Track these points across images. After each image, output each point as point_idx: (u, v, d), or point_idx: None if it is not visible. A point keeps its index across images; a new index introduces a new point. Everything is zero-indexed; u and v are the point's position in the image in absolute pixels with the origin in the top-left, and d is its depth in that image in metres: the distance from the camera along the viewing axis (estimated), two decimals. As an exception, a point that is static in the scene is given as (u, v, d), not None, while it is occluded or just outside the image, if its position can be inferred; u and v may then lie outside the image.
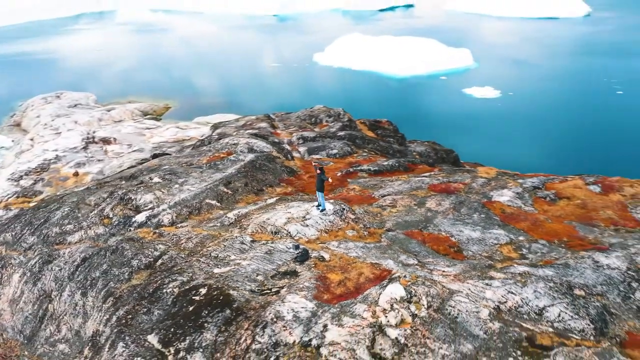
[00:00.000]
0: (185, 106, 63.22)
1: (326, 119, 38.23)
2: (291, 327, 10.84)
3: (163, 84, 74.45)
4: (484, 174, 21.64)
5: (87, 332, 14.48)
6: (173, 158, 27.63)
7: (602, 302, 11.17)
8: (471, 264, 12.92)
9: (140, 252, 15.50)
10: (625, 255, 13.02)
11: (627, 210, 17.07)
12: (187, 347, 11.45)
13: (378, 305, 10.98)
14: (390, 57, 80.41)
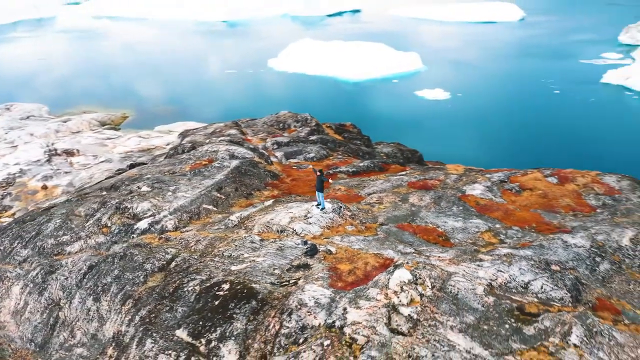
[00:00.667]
0: (143, 115, 62.79)
1: (294, 124, 39.60)
2: (315, 312, 12.21)
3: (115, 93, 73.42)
4: (454, 171, 23.73)
5: (106, 334, 15.21)
6: (153, 167, 28.18)
7: (574, 274, 13.22)
8: (461, 250, 14.75)
9: (151, 256, 16.37)
10: (588, 235, 15.23)
11: (581, 198, 19.50)
12: (218, 337, 12.57)
13: (389, 289, 12.54)
14: (343, 61, 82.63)
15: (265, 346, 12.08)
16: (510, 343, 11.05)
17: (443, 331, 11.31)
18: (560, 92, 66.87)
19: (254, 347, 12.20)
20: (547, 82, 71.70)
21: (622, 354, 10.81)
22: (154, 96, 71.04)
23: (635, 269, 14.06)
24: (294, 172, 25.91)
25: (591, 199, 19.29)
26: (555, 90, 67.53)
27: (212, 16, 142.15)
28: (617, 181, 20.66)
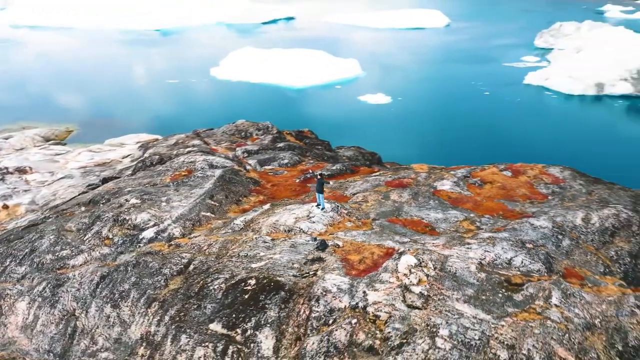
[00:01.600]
0: (89, 129, 61.42)
1: (256, 132, 41.05)
2: (339, 296, 14.08)
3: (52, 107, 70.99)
4: (420, 169, 26.35)
5: (132, 336, 16.21)
6: (130, 181, 28.77)
7: (545, 250, 15.95)
8: (449, 236, 17.15)
9: (167, 262, 17.51)
10: (548, 218, 18.14)
11: (534, 188, 22.63)
12: (254, 326, 14.12)
13: (399, 272, 14.64)
14: (285, 69, 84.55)
15: (299, 329, 13.80)
16: (506, 308, 13.48)
17: (451, 303, 13.55)
18: (489, 93, 72.45)
19: (289, 331, 13.87)
20: (477, 84, 77.33)
21: (591, 309, 13.52)
22: (96, 109, 69.49)
23: (589, 243, 17.07)
24: (271, 178, 27.51)
25: (542, 188, 22.46)
26: (485, 92, 73.09)
27: (142, 25, 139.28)
28: (560, 172, 24.05)
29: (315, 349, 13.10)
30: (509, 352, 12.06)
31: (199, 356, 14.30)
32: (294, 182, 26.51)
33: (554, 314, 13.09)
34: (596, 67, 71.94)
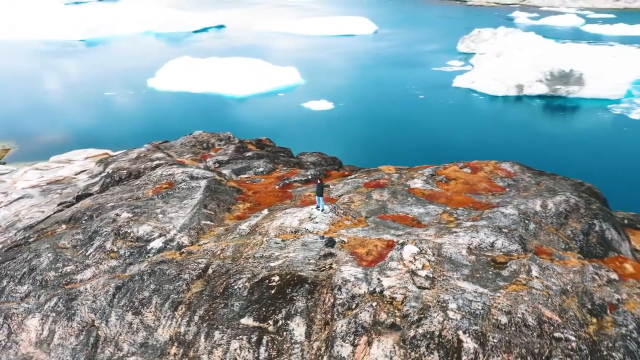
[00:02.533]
0: (29, 146, 59.24)
1: (217, 142, 42.16)
2: (358, 284, 16.17)
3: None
4: (388, 170, 28.97)
5: (159, 339, 17.34)
6: (108, 197, 29.15)
7: (518, 233, 18.93)
8: (436, 227, 19.74)
9: (184, 268, 18.77)
10: (513, 206, 21.25)
11: (492, 182, 25.89)
12: (284, 316, 15.88)
13: (404, 260, 16.97)
14: (225, 77, 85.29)
15: (326, 315, 15.73)
16: (497, 282, 16.19)
17: (453, 282, 16.06)
18: (424, 97, 77.34)
19: (317, 318, 15.77)
20: (411, 88, 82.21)
21: (563, 278, 16.54)
22: (33, 125, 66.77)
23: (550, 225, 20.32)
24: (251, 186, 29.05)
25: (499, 182, 25.78)
26: (420, 95, 77.94)
27: (67, 34, 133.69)
28: (511, 166, 27.57)
29: (345, 330, 15.11)
30: (507, 316, 14.71)
31: (235, 348, 15.84)
32: (274, 189, 28.23)
33: (536, 284, 15.95)
34: (515, 70, 78.90)
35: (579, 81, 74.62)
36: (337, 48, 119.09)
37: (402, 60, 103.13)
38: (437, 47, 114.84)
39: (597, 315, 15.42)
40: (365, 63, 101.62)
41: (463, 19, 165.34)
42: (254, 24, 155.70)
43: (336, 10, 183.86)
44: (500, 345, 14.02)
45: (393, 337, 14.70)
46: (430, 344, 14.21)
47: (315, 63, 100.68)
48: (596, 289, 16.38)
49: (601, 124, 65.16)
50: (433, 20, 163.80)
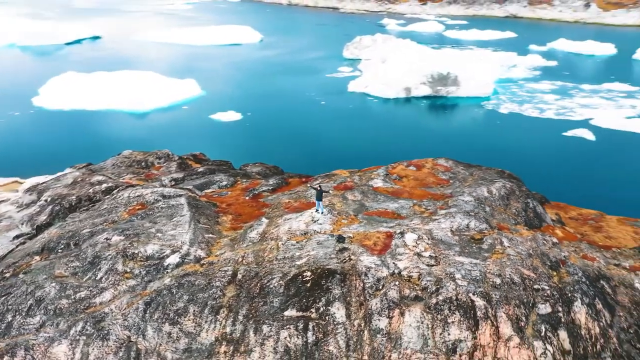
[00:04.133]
0: None
1: (157, 161, 42.54)
2: (379, 269, 19.60)
3: None
4: (343, 174, 32.64)
5: (204, 342, 19.09)
6: (78, 223, 29.07)
7: (482, 215, 23.70)
8: (418, 217, 23.81)
9: (212, 276, 20.63)
10: (467, 194, 26.12)
11: (436, 176, 30.82)
12: (325, 303, 18.75)
13: (408, 246, 20.75)
14: (119, 92, 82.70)
15: (360, 297, 18.93)
16: (483, 254, 20.65)
17: (452, 258, 20.20)
18: (325, 102, 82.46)
19: (353, 301, 18.89)
20: (311, 95, 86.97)
21: (525, 245, 21.52)
22: None
23: (499, 207, 25.49)
24: (221, 199, 30.88)
25: (442, 175, 30.79)
26: (321, 101, 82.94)
27: None
28: (446, 161, 32.82)
29: (379, 306, 18.47)
30: (499, 278, 19.17)
31: (284, 336, 18.38)
32: (246, 200, 30.45)
33: (510, 251, 20.71)
34: (401, 74, 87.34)
35: (455, 82, 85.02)
36: (228, 58, 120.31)
37: (295, 67, 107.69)
38: (324, 54, 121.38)
39: (555, 269, 20.56)
40: (260, 71, 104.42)
41: (339, 26, 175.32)
42: (132, 34, 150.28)
43: (215, 19, 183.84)
44: (500, 299, 18.41)
45: (419, 306, 18.40)
46: (450, 307, 18.14)
47: (211, 74, 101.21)
48: (548, 251, 21.62)
49: (479, 119, 75.32)
50: (312, 28, 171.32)
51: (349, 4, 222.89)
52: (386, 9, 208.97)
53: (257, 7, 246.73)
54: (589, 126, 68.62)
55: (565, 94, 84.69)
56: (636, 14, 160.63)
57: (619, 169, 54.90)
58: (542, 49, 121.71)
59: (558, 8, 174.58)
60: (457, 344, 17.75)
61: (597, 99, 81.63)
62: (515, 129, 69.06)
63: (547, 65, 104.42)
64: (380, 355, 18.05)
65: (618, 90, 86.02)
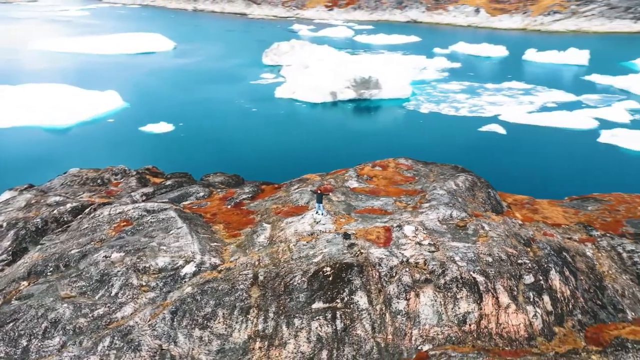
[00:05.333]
0: None
1: (114, 177, 41.89)
2: (390, 259, 22.11)
3: None
4: (315, 178, 34.80)
5: (237, 341, 20.35)
6: (59, 245, 28.56)
7: (458, 204, 27.04)
8: (406, 212, 26.63)
9: (233, 281, 21.91)
10: (439, 188, 29.44)
11: (402, 174, 34.00)
12: (348, 293, 20.89)
13: (408, 237, 23.47)
14: (33, 107, 78.50)
15: (378, 285, 21.30)
16: (471, 238, 23.91)
17: (448, 244, 23.22)
18: (256, 110, 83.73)
19: (372, 289, 21.21)
20: (240, 102, 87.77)
21: (500, 228, 25.12)
22: None
23: (468, 197, 29.07)
24: (203, 210, 31.73)
25: (407, 173, 34.03)
26: (253, 109, 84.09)
27: None
28: (405, 160, 36.15)
29: (396, 291, 21.00)
30: (490, 257, 22.49)
31: (316, 327, 20.29)
32: (228, 209, 31.58)
33: (492, 234, 24.18)
34: (325, 79, 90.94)
35: (377, 85, 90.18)
36: (145, 67, 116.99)
37: (217, 75, 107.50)
38: (243, 60, 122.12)
39: (528, 246, 24.35)
40: (182, 80, 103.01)
41: (250, 32, 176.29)
42: (29, 43, 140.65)
43: (119, 26, 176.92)
44: (496, 274, 21.71)
45: (431, 287, 21.19)
46: (457, 285, 21.12)
47: (132, 84, 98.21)
48: (518, 231, 25.43)
49: (404, 119, 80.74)
50: (224, 34, 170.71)
51: (257, 10, 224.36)
52: (294, 14, 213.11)
53: (160, 13, 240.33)
54: (498, 121, 76.34)
55: (473, 93, 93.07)
56: (518, 18, 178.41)
57: (530, 158, 62.19)
58: (446, 51, 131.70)
59: (452, 13, 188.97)
60: (467, 315, 20.77)
61: (500, 96, 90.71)
62: (438, 127, 75.11)
63: (452, 67, 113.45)
64: (402, 333, 20.59)
65: (517, 88, 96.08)
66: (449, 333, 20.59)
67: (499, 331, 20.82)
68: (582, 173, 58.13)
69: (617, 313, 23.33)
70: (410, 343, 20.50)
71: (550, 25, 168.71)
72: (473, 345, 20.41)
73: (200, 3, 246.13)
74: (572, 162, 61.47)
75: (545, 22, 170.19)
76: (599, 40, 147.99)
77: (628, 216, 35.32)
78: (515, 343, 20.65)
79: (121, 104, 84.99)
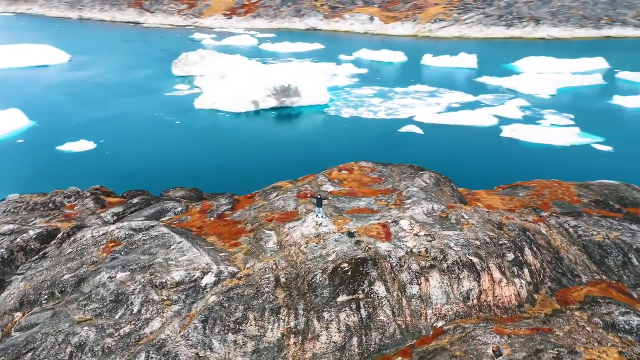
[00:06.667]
0: None
1: (67, 200, 40.09)
2: (396, 251, 24.67)
3: None
4: (288, 185, 36.49)
5: (271, 340, 21.64)
6: (45, 273, 27.56)
7: (436, 199, 30.35)
8: (394, 210, 29.35)
9: (258, 285, 23.14)
10: (412, 185, 32.62)
11: (368, 176, 36.84)
12: (368, 285, 23.12)
13: (406, 230, 26.22)
14: None
15: (391, 275, 23.76)
16: (456, 227, 27.23)
17: (441, 233, 26.31)
18: (180, 122, 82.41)
19: (388, 278, 23.63)
20: (160, 115, 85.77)
21: (476, 216, 28.81)
22: None
23: (437, 192, 32.56)
24: (187, 224, 32.07)
25: (372, 175, 36.94)
26: (176, 121, 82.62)
27: None
28: (366, 163, 39.09)
29: (409, 278, 23.65)
30: (477, 241, 25.96)
31: (344, 317, 22.27)
32: (213, 221, 32.24)
33: (473, 222, 27.74)
34: (246, 89, 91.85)
35: (297, 93, 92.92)
36: (42, 82, 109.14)
37: (127, 88, 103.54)
38: (152, 72, 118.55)
39: (501, 229, 28.28)
40: (89, 95, 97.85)
41: (149, 42, 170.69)
42: None
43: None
44: (486, 255, 25.20)
45: (436, 271, 24.12)
46: (459, 267, 24.27)
47: (34, 101, 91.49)
48: (490, 218, 29.33)
49: (328, 124, 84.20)
50: (122, 45, 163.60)
51: (152, 19, 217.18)
52: (192, 23, 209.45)
53: (41, 22, 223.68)
54: (414, 122, 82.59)
55: (386, 97, 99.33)
56: (409, 26, 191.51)
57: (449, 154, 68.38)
58: (351, 58, 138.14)
59: (349, 21, 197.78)
60: (469, 292, 23.99)
61: (410, 99, 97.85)
62: (361, 130, 79.53)
63: (361, 73, 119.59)
64: (419, 314, 23.29)
65: (423, 91, 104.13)
66: (457, 309, 23.66)
67: (496, 303, 24.30)
68: (495, 165, 65.41)
69: (574, 278, 27.98)
70: (426, 322, 23.26)
71: (438, 32, 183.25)
72: (477, 317, 23.66)
73: (86, 11, 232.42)
74: (484, 155, 68.71)
75: (433, 29, 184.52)
76: (480, 45, 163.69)
77: (553, 199, 41.29)
78: (510, 311, 24.25)
79: (27, 122, 79.21)
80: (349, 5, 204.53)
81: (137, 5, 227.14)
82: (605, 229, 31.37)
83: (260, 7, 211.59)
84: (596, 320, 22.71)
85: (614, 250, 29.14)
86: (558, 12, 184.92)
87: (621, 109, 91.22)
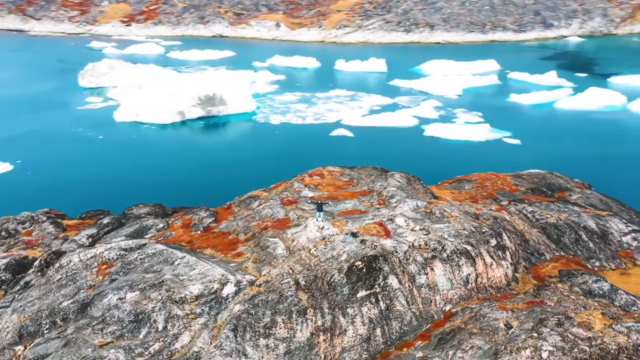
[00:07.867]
0: None
1: (21, 226, 37.38)
2: (400, 246, 26.68)
3: None
4: (266, 193, 37.12)
5: (301, 340, 22.58)
6: (38, 301, 26.07)
7: (416, 196, 32.81)
8: (383, 208, 31.28)
9: (278, 291, 23.91)
10: (390, 185, 34.84)
11: (340, 179, 38.57)
12: (382, 278, 24.88)
13: (402, 227, 28.33)
14: None
15: (401, 267, 25.71)
16: (443, 220, 29.85)
17: (433, 226, 28.75)
18: (103, 137, 78.28)
19: (398, 271, 25.54)
20: (79, 130, 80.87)
21: (455, 210, 31.70)
22: None
23: (413, 190, 35.10)
24: (174, 239, 31.64)
25: (343, 178, 38.75)
26: (99, 136, 78.34)
27: None
28: (334, 167, 40.79)
29: (416, 269, 25.79)
30: (465, 231, 28.76)
31: (366, 310, 23.90)
32: (200, 234, 32.13)
33: (455, 214, 30.56)
34: (169, 99, 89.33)
35: (222, 102, 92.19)
36: None
37: (30, 103, 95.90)
38: (55, 84, 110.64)
39: (478, 219, 31.42)
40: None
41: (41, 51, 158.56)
42: None
43: None
44: (477, 242, 28.07)
45: (438, 260, 26.50)
46: (457, 255, 26.85)
47: None
48: (465, 209, 32.40)
49: (258, 131, 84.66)
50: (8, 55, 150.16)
51: (38, 26, 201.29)
52: (87, 30, 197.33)
53: None
54: (342, 126, 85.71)
55: (309, 102, 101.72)
56: (315, 32, 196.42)
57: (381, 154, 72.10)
58: (265, 65, 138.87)
59: (255, 28, 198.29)
60: (468, 277, 26.68)
61: (333, 103, 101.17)
62: (294, 136, 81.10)
63: (279, 79, 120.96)
64: (429, 300, 25.52)
65: (343, 95, 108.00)
66: (460, 293, 26.22)
67: (490, 284, 27.23)
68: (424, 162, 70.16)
69: (540, 256, 31.91)
70: (436, 307, 25.53)
71: (343, 37, 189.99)
72: (477, 298, 26.38)
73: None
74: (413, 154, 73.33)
75: (338, 34, 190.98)
76: (385, 49, 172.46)
77: (495, 189, 45.87)
78: (502, 290, 27.30)
79: None
80: (253, 12, 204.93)
81: (19, 11, 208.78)
82: (555, 211, 35.92)
83: (160, 14, 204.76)
84: (576, 289, 26.40)
85: (567, 230, 33.58)
86: (449, 18, 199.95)
87: (518, 105, 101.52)
